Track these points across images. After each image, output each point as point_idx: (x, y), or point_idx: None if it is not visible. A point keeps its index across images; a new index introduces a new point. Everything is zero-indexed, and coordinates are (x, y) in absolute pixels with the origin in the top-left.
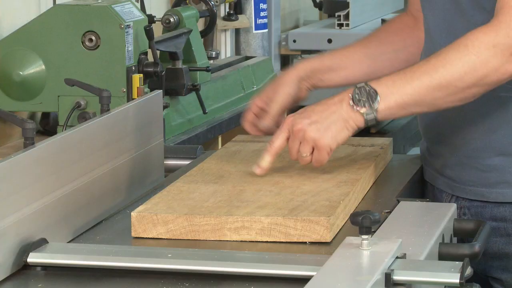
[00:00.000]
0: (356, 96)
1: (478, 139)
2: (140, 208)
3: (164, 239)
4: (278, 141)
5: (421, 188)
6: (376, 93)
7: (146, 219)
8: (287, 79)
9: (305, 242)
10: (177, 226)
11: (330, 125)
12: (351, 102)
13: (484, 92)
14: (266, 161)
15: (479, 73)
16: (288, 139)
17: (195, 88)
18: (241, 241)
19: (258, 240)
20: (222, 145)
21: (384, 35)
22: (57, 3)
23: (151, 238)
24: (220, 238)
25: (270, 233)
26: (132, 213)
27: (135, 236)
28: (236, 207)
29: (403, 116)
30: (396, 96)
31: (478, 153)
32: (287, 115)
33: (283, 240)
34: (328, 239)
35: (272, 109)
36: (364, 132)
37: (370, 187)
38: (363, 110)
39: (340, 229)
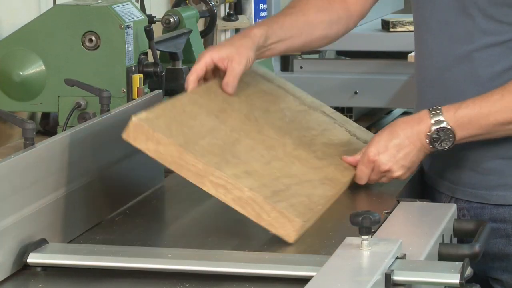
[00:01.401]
0: (434, 136)
1: (478, 145)
2: (142, 115)
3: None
4: (364, 179)
5: (421, 188)
6: (453, 135)
7: (142, 130)
8: (248, 44)
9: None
10: (166, 151)
11: (413, 163)
12: (428, 140)
13: None
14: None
15: None
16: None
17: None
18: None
19: (230, 206)
20: None
21: (321, 2)
22: (57, 3)
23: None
24: (198, 185)
25: (244, 206)
26: (132, 117)
27: (125, 138)
28: (226, 162)
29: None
30: (471, 131)
31: (479, 157)
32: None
33: (252, 218)
34: (292, 240)
35: (235, 72)
36: None
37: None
38: (440, 148)
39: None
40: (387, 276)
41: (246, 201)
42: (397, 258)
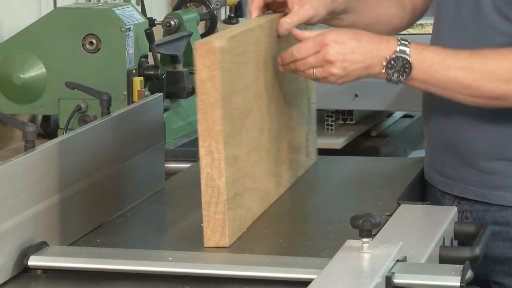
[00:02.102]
0: (392, 62)
1: (483, 144)
2: (224, 43)
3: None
4: (302, 55)
5: (421, 191)
6: (410, 69)
7: (213, 57)
8: (325, 2)
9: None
10: (208, 90)
11: (353, 72)
12: (384, 64)
13: (507, 106)
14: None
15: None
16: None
17: (195, 91)
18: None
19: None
20: None
21: None
22: (57, 6)
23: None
24: (200, 138)
25: (208, 187)
26: (216, 41)
27: (196, 46)
28: (232, 136)
29: (418, 89)
30: (425, 76)
31: (482, 157)
32: None
33: (201, 202)
34: (205, 244)
35: (298, 16)
36: (364, 134)
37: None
38: (389, 76)
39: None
40: (388, 279)
41: (214, 187)
42: (397, 260)
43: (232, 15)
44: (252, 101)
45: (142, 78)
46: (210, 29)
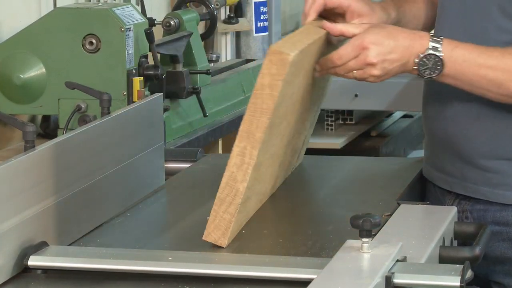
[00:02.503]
0: (424, 60)
1: (484, 143)
2: (295, 53)
3: None
4: (343, 60)
5: (421, 191)
6: (442, 67)
7: (283, 65)
8: (384, 10)
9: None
10: (265, 97)
11: (392, 71)
12: (416, 60)
13: None
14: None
15: None
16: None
17: (195, 91)
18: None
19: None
20: (223, 148)
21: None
22: (57, 6)
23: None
24: (237, 139)
25: (227, 186)
26: (291, 53)
27: (271, 50)
28: (265, 142)
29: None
30: (456, 74)
31: (483, 155)
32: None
33: (215, 198)
34: (204, 237)
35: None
36: (364, 134)
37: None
38: (421, 73)
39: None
40: (388, 279)
41: (233, 187)
42: (397, 260)
43: (232, 15)
44: (289, 110)
45: (142, 78)
46: (210, 29)
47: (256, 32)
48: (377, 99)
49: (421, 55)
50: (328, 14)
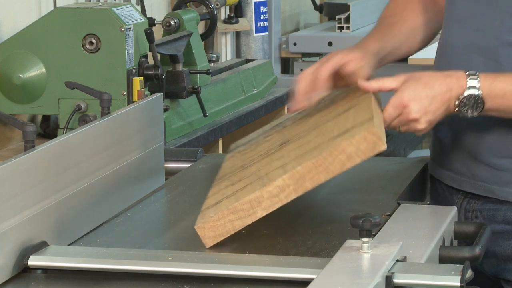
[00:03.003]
0: (464, 101)
1: (494, 141)
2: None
3: None
4: (387, 123)
5: (422, 191)
6: (483, 105)
7: (374, 144)
8: (366, 54)
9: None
10: (334, 165)
11: (436, 119)
12: (456, 102)
13: None
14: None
15: None
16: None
17: (195, 91)
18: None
19: None
20: (223, 148)
21: (417, 5)
22: (57, 6)
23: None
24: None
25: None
26: (381, 142)
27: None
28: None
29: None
30: (499, 107)
31: (493, 154)
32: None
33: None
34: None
35: (364, 71)
36: None
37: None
38: (464, 114)
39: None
40: (388, 279)
41: (253, 208)
42: (397, 260)
43: (232, 15)
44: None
45: (142, 78)
46: (210, 29)
47: (256, 32)
48: None
49: (461, 97)
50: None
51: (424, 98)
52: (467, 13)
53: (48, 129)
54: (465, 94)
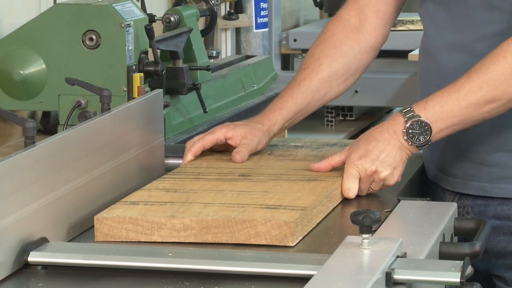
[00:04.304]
0: (410, 131)
1: (483, 136)
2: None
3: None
4: (351, 185)
5: (421, 187)
6: (429, 126)
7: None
8: (263, 130)
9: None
10: None
11: (397, 163)
12: (405, 137)
13: None
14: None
15: None
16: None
17: (195, 87)
18: None
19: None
20: None
21: (333, 50)
22: (57, 2)
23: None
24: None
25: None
26: None
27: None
28: None
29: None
30: (446, 121)
31: (482, 149)
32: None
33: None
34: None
35: (249, 147)
36: (364, 131)
37: None
38: (418, 143)
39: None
40: (388, 275)
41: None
42: (397, 257)
43: (232, 11)
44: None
45: (142, 74)
46: (210, 25)
47: (256, 28)
48: (377, 95)
49: (404, 131)
50: (216, 147)
51: (371, 150)
52: (441, 16)
53: (48, 125)
54: (407, 125)
